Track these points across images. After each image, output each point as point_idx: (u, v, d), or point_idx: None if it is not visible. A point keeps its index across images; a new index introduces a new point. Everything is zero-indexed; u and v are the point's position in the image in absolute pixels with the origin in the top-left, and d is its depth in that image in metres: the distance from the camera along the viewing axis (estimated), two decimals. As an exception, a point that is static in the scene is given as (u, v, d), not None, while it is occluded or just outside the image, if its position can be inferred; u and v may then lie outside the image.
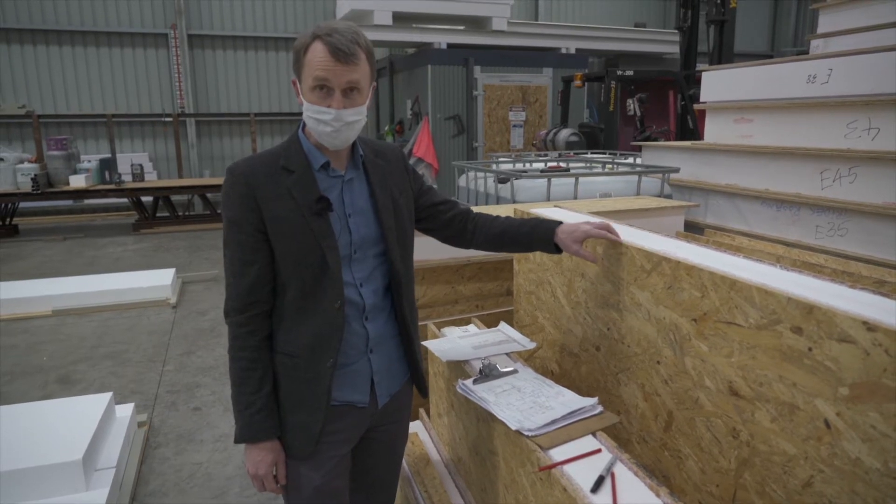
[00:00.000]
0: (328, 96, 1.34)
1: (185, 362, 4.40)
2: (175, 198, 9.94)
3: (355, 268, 1.46)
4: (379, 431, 1.61)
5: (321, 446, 1.46)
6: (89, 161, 9.45)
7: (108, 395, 3.07)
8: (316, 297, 1.41)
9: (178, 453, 3.20)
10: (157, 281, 5.90)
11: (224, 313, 1.45)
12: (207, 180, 10.30)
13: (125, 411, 3.22)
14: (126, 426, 3.07)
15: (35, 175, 8.70)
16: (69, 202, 10.64)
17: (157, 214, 9.84)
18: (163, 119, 11.20)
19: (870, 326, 1.09)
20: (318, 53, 1.31)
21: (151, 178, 10.68)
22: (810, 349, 1.21)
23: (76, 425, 2.75)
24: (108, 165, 9.52)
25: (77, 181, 8.99)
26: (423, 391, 1.68)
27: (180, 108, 11.48)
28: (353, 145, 1.49)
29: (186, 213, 10.11)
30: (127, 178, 9.68)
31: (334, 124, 1.35)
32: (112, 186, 9.27)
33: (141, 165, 9.75)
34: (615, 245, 1.76)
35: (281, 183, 1.39)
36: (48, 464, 2.45)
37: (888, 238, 3.06)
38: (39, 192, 8.73)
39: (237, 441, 1.44)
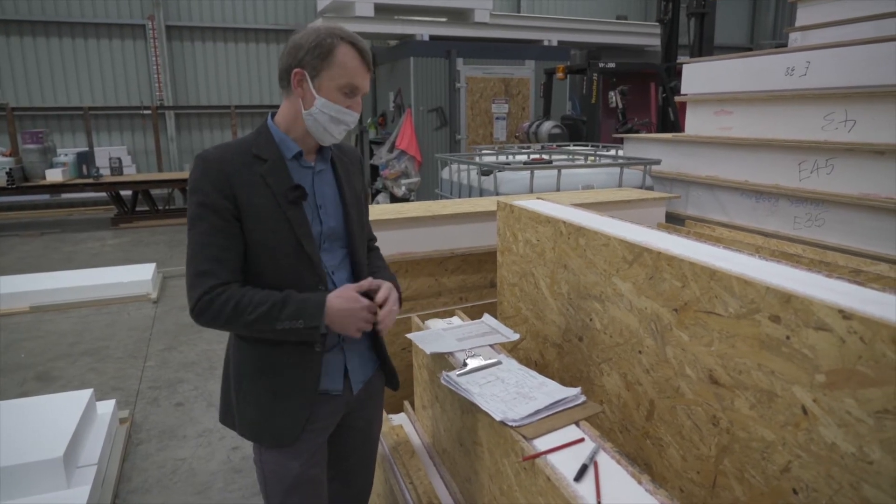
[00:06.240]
0: (351, 99, 1.43)
1: (167, 358, 4.36)
2: (155, 192, 9.80)
3: (325, 257, 1.49)
4: (354, 419, 1.64)
5: (302, 434, 1.47)
6: (66, 155, 9.27)
7: (88, 392, 3.03)
8: (295, 285, 1.41)
9: (160, 449, 3.18)
10: (138, 276, 5.83)
11: (193, 304, 1.34)
12: (187, 174, 10.14)
13: (106, 408, 3.18)
14: (107, 423, 3.03)
15: (10, 169, 8.52)
16: (46, 197, 10.41)
17: (137, 209, 9.71)
18: (141, 112, 11.00)
19: (845, 315, 1.11)
20: (352, 58, 1.40)
21: (130, 172, 10.51)
22: (788, 337, 1.23)
23: (56, 422, 2.71)
24: (85, 159, 9.35)
25: (54, 175, 8.82)
26: (394, 382, 1.69)
27: (159, 100, 11.29)
28: None
29: (166, 208, 9.99)
30: (105, 171, 9.52)
31: (351, 124, 1.46)
32: (90, 181, 9.12)
33: (119, 159, 9.59)
34: (597, 236, 1.78)
35: (254, 171, 1.39)
36: (28, 462, 2.41)
37: (864, 228, 3.12)
38: (15, 186, 8.55)
39: (323, 325, 1.34)
